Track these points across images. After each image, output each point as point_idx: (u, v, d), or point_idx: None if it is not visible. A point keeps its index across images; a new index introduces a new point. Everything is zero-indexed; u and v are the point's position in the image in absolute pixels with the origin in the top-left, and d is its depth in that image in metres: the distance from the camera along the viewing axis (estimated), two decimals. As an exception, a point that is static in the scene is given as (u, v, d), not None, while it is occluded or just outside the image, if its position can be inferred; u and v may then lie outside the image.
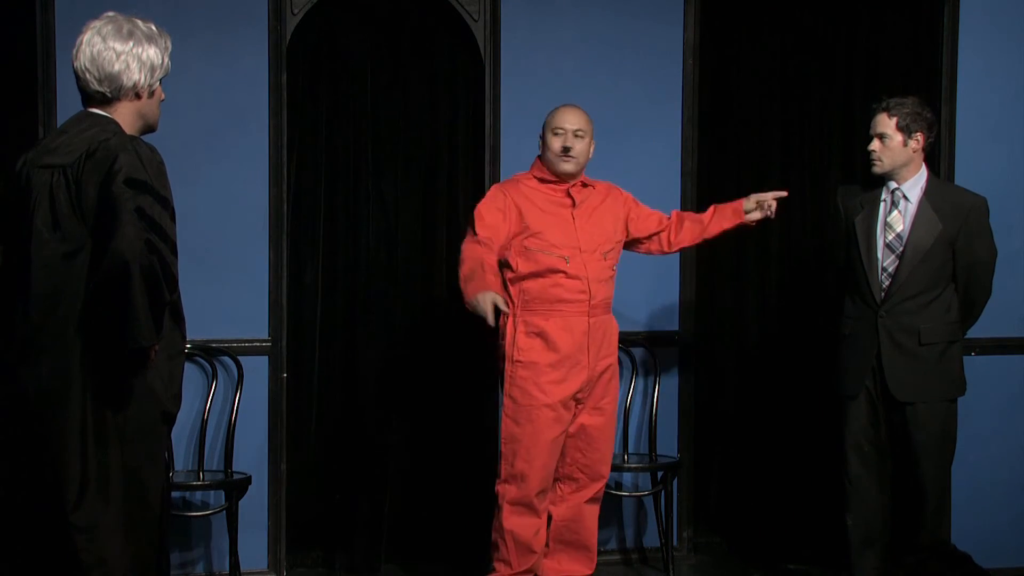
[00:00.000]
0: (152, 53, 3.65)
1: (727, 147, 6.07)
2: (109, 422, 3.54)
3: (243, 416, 5.47)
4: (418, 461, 5.81)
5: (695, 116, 5.90)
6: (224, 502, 5.35)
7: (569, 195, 5.04)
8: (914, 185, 5.06)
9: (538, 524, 5.04)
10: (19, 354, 3.56)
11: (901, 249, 5.01)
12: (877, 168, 5.05)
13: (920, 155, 5.06)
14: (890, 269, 5.03)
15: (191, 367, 5.39)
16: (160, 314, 3.50)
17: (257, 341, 5.55)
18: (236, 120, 5.47)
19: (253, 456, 5.53)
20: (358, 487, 5.70)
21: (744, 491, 6.08)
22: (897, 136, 5.00)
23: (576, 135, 5.00)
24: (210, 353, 5.48)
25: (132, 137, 3.59)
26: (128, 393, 3.55)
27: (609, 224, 5.08)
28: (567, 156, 4.99)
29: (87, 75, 3.61)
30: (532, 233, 4.96)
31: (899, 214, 5.05)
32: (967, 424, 5.40)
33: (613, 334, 5.08)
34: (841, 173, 5.99)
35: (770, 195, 5.16)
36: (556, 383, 4.96)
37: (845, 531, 5.14)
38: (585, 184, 5.10)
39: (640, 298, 5.85)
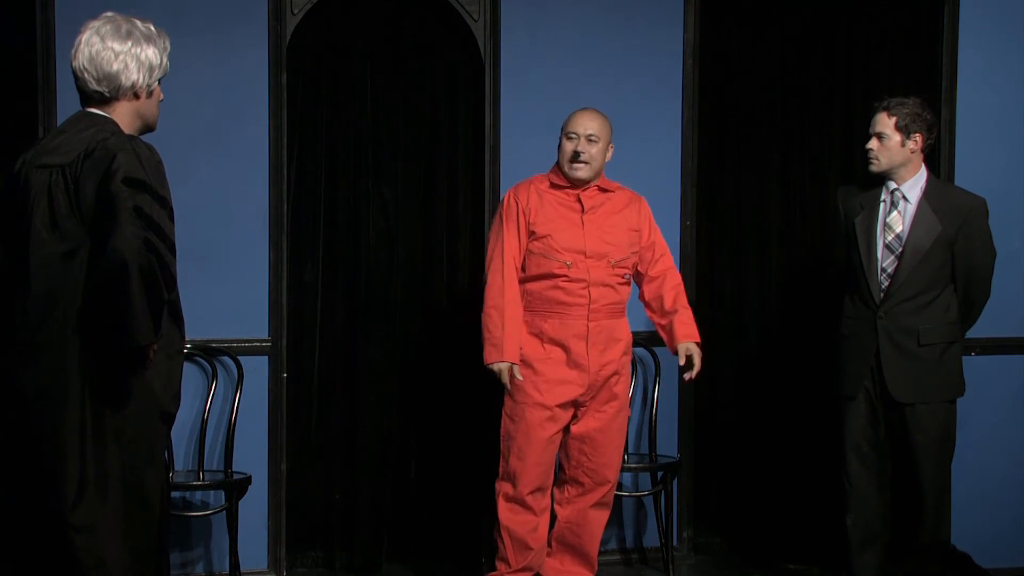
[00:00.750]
0: (151, 53, 3.65)
1: (727, 147, 6.07)
2: (108, 422, 3.53)
3: (243, 416, 5.47)
4: (419, 460, 5.82)
5: (695, 116, 5.89)
6: (224, 502, 5.35)
7: (579, 200, 5.02)
8: (913, 186, 5.05)
9: (534, 521, 5.03)
10: (18, 353, 3.55)
11: (900, 250, 5.00)
12: (874, 167, 5.05)
13: (919, 156, 5.05)
14: (889, 270, 5.02)
15: (191, 367, 5.39)
16: (158, 313, 3.49)
17: (257, 341, 5.55)
18: (236, 120, 5.47)
19: (253, 456, 5.52)
20: (358, 487, 5.70)
21: (744, 491, 6.08)
22: (895, 136, 5.00)
23: (589, 139, 4.95)
24: (210, 353, 5.48)
25: (131, 136, 3.60)
26: (127, 393, 3.55)
27: (623, 235, 5.03)
28: (578, 162, 4.95)
29: (85, 75, 3.61)
30: (539, 236, 4.96)
31: (898, 215, 5.04)
32: (967, 424, 5.40)
33: (621, 339, 5.04)
34: (841, 173, 5.99)
35: (694, 371, 5.02)
36: (554, 383, 4.96)
37: (845, 531, 5.14)
38: (603, 189, 5.05)
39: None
